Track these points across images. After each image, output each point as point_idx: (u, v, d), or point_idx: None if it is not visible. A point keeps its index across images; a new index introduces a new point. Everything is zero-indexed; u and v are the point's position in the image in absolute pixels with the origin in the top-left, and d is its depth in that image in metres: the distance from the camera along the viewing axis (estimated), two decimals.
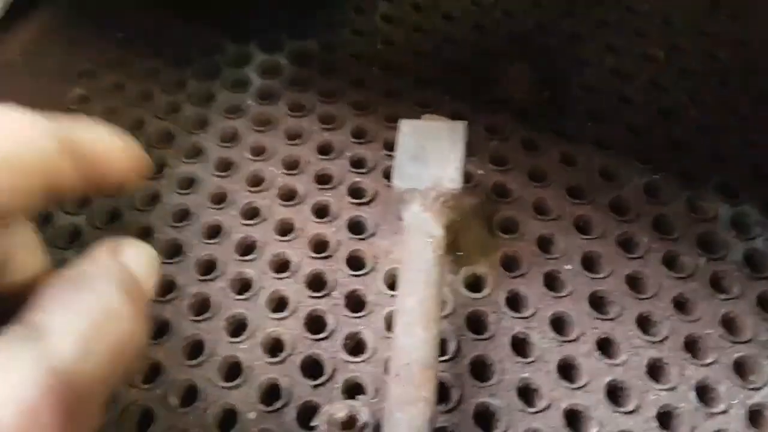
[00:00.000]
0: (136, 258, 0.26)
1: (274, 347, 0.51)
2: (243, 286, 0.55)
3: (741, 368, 0.51)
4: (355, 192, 0.61)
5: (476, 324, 0.53)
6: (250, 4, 0.75)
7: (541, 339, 0.51)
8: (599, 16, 0.76)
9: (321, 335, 0.51)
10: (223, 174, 0.62)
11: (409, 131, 0.52)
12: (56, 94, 0.67)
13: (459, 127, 0.52)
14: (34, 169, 0.22)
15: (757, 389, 0.49)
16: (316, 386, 0.48)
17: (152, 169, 0.29)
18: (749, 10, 0.75)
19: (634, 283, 0.55)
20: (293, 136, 0.65)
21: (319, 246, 0.57)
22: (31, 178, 0.22)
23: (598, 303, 0.54)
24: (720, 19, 0.75)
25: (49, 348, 0.20)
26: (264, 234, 0.57)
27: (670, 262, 0.56)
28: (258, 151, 0.64)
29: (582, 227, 0.58)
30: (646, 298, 0.54)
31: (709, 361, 0.51)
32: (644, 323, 0.53)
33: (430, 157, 0.50)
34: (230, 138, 0.65)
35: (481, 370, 0.50)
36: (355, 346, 0.52)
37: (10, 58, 0.67)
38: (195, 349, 0.51)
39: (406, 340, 0.42)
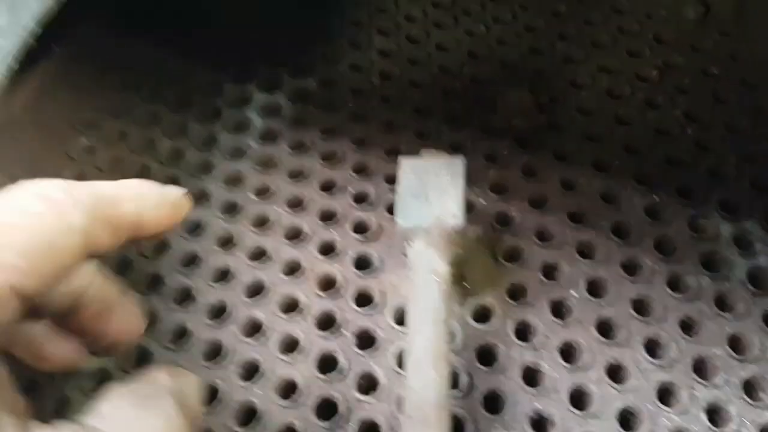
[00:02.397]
0: (189, 383, 0.28)
1: (287, 389, 0.52)
2: (253, 328, 0.56)
3: (750, 387, 0.51)
4: (360, 227, 0.62)
5: (486, 356, 0.53)
6: (248, 44, 0.77)
7: (552, 368, 0.52)
8: (591, 38, 0.77)
9: (333, 375, 0.51)
10: (228, 216, 0.63)
11: (410, 169, 0.53)
12: (61, 146, 0.69)
13: (458, 163, 0.52)
14: (75, 247, 0.25)
15: None
16: (330, 428, 0.49)
17: (191, 206, 0.34)
18: (739, 24, 0.76)
19: (639, 306, 0.55)
20: (296, 175, 0.66)
21: (327, 284, 0.58)
22: (73, 257, 0.25)
23: (605, 328, 0.54)
24: (711, 35, 0.75)
25: None
26: (271, 275, 0.58)
27: (674, 283, 0.56)
28: (262, 192, 0.65)
29: (585, 252, 0.59)
30: (653, 321, 0.54)
31: (718, 381, 0.51)
32: (652, 346, 0.53)
33: (432, 194, 0.51)
34: (234, 180, 0.66)
35: (493, 402, 0.51)
36: (368, 383, 0.52)
37: (13, 113, 0.69)
38: (209, 394, 0.52)
39: (417, 379, 0.43)
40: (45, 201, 0.24)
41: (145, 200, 0.29)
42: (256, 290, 0.58)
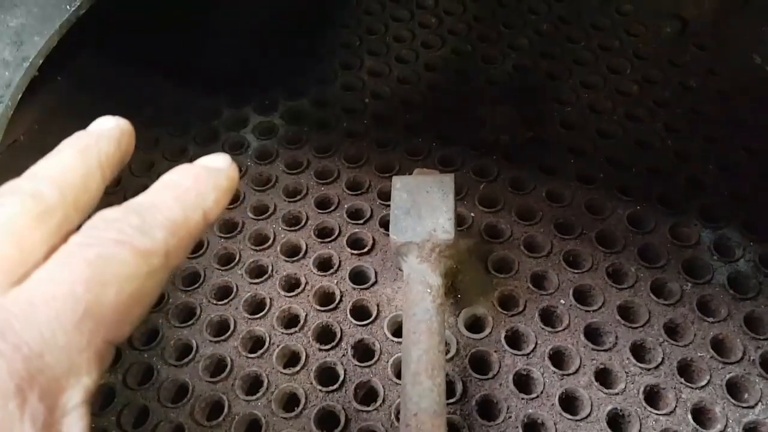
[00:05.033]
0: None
1: (289, 402, 0.54)
2: (255, 343, 0.57)
3: (734, 388, 0.53)
4: (355, 243, 0.64)
5: (480, 364, 0.55)
6: (244, 68, 0.79)
7: (543, 374, 0.54)
8: (573, 56, 0.80)
9: (332, 387, 0.53)
10: (228, 235, 0.65)
11: (402, 187, 0.55)
12: None
13: (448, 180, 0.55)
14: (161, 282, 0.26)
15: (751, 407, 0.52)
16: None
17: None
18: (715, 39, 0.79)
19: (625, 312, 0.58)
20: (292, 193, 0.68)
21: (325, 298, 0.60)
22: (160, 289, 0.26)
23: (593, 334, 0.57)
24: (689, 50, 0.79)
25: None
26: (271, 291, 0.60)
27: (658, 289, 0.59)
28: (260, 211, 0.67)
29: (572, 261, 0.61)
30: (639, 327, 0.56)
31: (702, 383, 0.53)
32: (638, 351, 0.56)
33: (424, 210, 0.53)
34: (232, 200, 0.68)
35: (488, 409, 0.53)
36: (366, 394, 0.54)
37: (14, 139, 0.70)
38: (214, 410, 0.53)
39: (414, 390, 0.45)
40: (127, 247, 0.24)
41: (206, 201, 0.28)
42: (256, 306, 0.60)
